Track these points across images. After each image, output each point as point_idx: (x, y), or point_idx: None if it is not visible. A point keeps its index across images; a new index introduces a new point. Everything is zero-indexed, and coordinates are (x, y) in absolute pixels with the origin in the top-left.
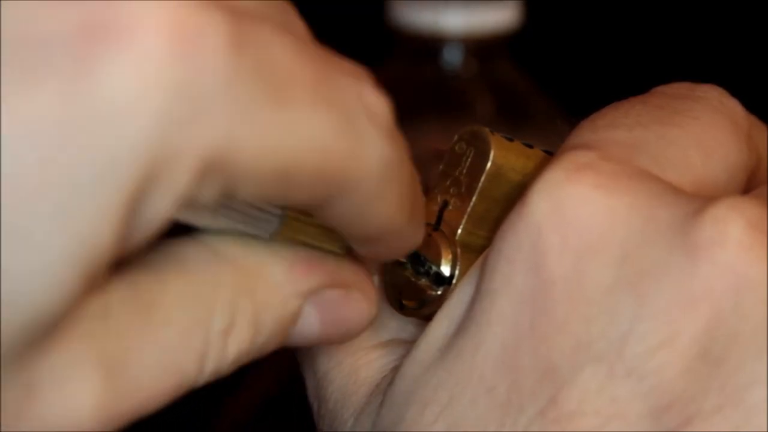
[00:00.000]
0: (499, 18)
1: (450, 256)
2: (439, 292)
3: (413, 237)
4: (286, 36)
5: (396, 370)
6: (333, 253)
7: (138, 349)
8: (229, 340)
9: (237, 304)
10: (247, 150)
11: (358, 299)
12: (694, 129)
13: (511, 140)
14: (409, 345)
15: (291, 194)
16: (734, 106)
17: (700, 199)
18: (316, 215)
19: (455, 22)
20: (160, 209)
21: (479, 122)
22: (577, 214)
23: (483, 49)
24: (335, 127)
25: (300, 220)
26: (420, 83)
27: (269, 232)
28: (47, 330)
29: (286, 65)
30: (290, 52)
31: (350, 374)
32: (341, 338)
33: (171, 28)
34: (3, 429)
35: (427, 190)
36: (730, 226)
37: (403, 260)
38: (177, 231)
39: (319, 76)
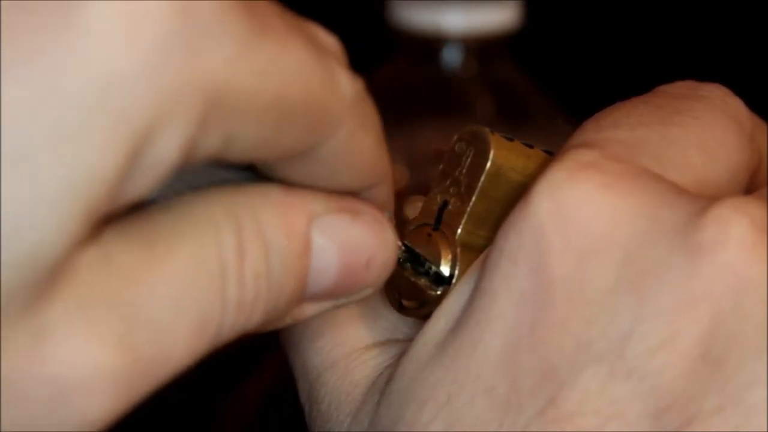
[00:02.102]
0: (499, 18)
1: (450, 256)
2: (438, 292)
3: (387, 175)
4: None
5: (392, 367)
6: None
7: (149, 288)
8: (244, 261)
9: (242, 222)
10: (242, 84)
11: (370, 223)
12: (695, 129)
13: (511, 140)
14: (403, 344)
15: (284, 137)
16: (737, 106)
17: (703, 200)
18: (309, 172)
19: (455, 22)
20: (165, 152)
21: (479, 122)
22: (580, 214)
23: (483, 49)
24: (312, 59)
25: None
26: (420, 83)
27: None
28: (51, 270)
29: (263, 6)
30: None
31: (344, 375)
32: (366, 270)
33: None
34: (12, 376)
35: (427, 190)
36: (732, 226)
37: (403, 259)
38: None
39: (285, 16)
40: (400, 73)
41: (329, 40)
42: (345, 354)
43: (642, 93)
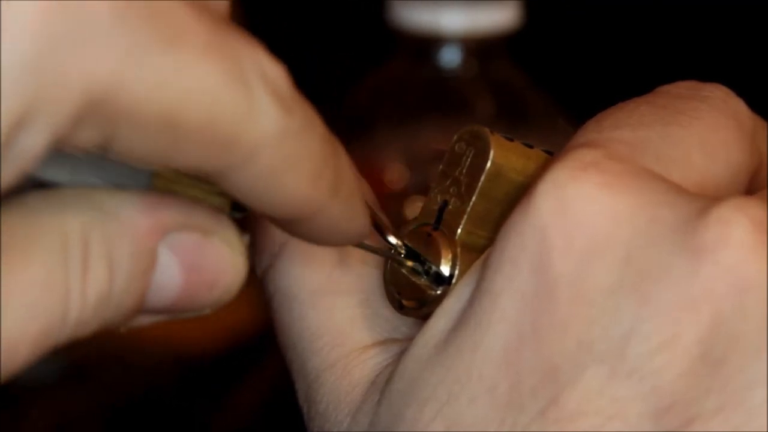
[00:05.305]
0: (499, 18)
1: (450, 256)
2: (438, 292)
3: (349, 221)
4: None
5: (392, 367)
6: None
7: (2, 297)
8: (88, 280)
9: (88, 240)
10: (130, 91)
11: (220, 246)
12: (697, 129)
13: (511, 140)
14: (403, 344)
15: (177, 152)
16: (738, 106)
17: (704, 200)
18: (220, 187)
19: (455, 22)
20: (35, 142)
21: (479, 122)
22: (582, 214)
23: (482, 49)
24: (226, 80)
25: (173, 175)
26: (420, 83)
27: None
28: None
29: (180, 15)
30: (187, 7)
31: (343, 375)
32: (208, 291)
33: None
34: None
35: (427, 190)
36: (733, 226)
37: (402, 259)
38: None
39: (214, 32)
40: (399, 73)
41: (270, 69)
42: (344, 354)
43: (642, 93)
